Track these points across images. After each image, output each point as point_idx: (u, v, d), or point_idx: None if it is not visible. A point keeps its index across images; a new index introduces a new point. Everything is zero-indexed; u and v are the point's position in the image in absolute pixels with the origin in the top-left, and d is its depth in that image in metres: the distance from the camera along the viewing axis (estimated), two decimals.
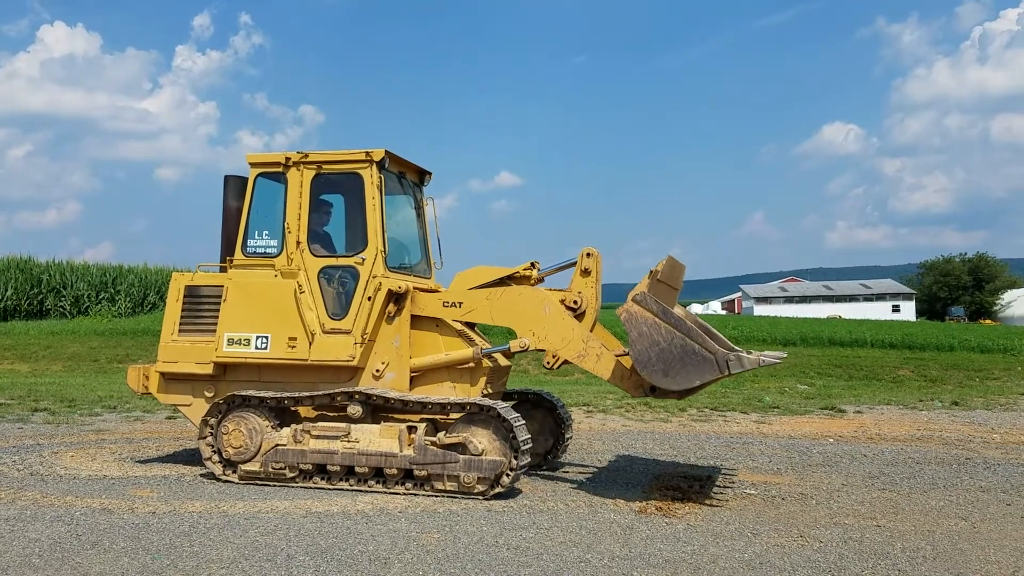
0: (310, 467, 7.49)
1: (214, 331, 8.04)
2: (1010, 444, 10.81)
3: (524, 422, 7.33)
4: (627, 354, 7.38)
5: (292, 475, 7.53)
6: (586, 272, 7.83)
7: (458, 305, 7.88)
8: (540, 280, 8.21)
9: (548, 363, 7.97)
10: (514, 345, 7.70)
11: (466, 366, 7.81)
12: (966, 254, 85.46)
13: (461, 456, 7.11)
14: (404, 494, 7.25)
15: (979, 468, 9.02)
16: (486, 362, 7.81)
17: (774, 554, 5.63)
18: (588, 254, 7.83)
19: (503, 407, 7.19)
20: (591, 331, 7.70)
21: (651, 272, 7.18)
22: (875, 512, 6.91)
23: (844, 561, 5.48)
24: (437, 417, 7.58)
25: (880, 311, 76.47)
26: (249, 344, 7.90)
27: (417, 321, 7.92)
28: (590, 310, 7.77)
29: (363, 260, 7.81)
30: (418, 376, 7.88)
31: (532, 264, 8.17)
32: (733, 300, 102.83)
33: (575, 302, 7.76)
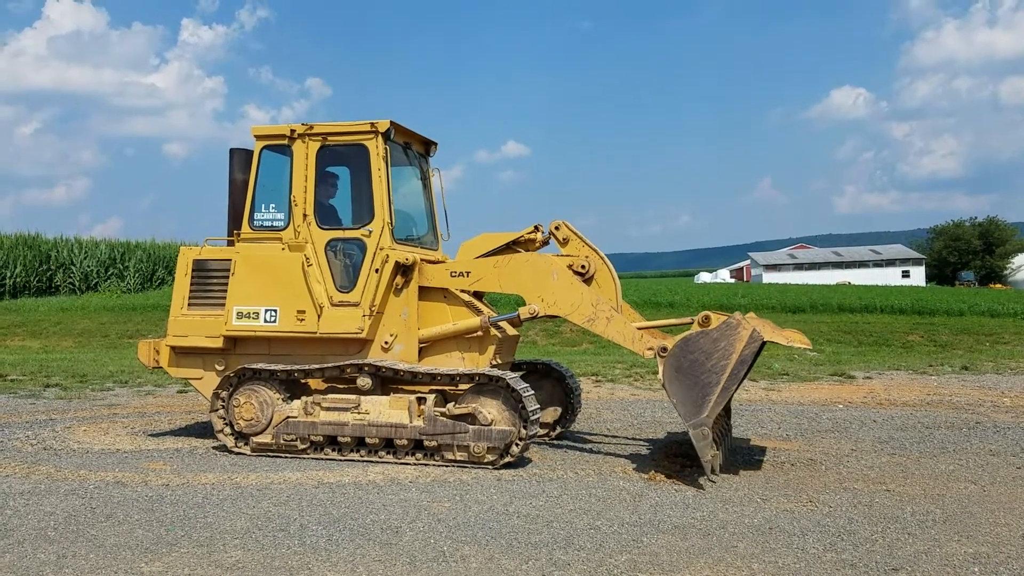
0: (321, 439, 7.53)
1: (223, 305, 8.06)
2: (1020, 408, 10.80)
3: (533, 392, 7.34)
4: (653, 328, 7.74)
5: (303, 447, 7.58)
6: (565, 242, 8.15)
7: (466, 275, 7.88)
8: (545, 243, 8.27)
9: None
10: (523, 312, 7.71)
11: (474, 335, 7.82)
12: (976, 218, 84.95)
13: (471, 426, 7.14)
14: (415, 464, 7.29)
15: (989, 432, 9.02)
16: (495, 332, 7.82)
17: (783, 519, 5.65)
18: (556, 227, 8.16)
19: (512, 377, 7.20)
20: (617, 299, 7.83)
21: (777, 341, 7.03)
22: (884, 477, 6.93)
23: (854, 525, 5.50)
24: (446, 388, 7.60)
25: (890, 277, 76.22)
26: (258, 317, 7.92)
27: (425, 292, 7.92)
28: (602, 272, 7.85)
29: (370, 232, 7.80)
30: (426, 347, 7.90)
31: (536, 227, 8.25)
32: (742, 268, 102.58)
33: (583, 267, 7.84)
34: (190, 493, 6.41)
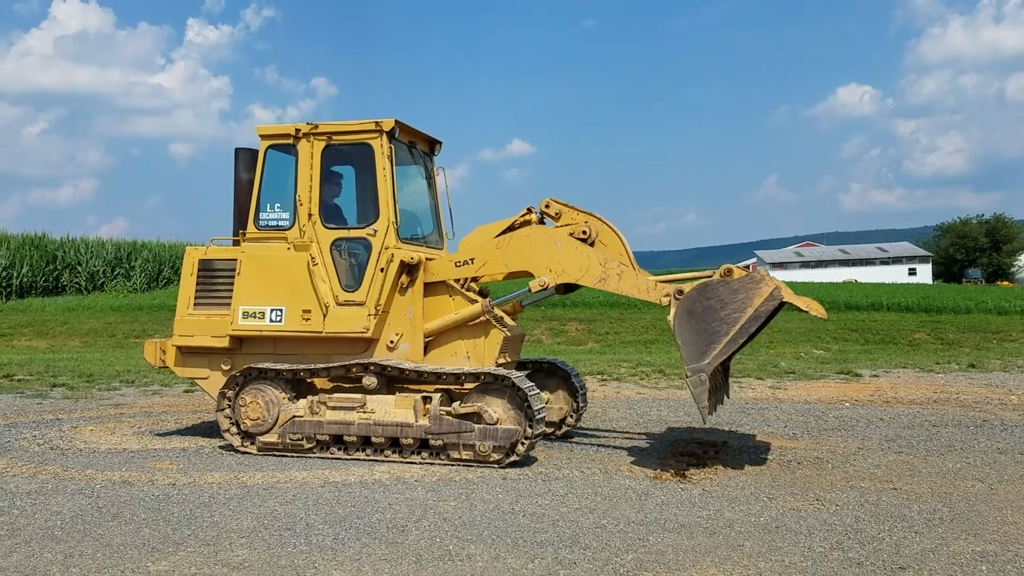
0: (327, 438, 7.54)
1: (229, 304, 8.07)
2: None
3: (538, 391, 7.34)
4: (669, 281, 7.54)
5: (309, 446, 7.59)
6: (558, 216, 8.09)
7: (470, 262, 7.88)
8: (540, 221, 8.27)
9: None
10: (533, 285, 7.69)
11: (478, 323, 7.81)
12: (983, 215, 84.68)
13: (476, 425, 7.14)
14: (420, 463, 7.30)
15: (996, 430, 8.98)
16: (501, 329, 7.79)
17: (790, 517, 5.63)
18: (547, 205, 8.12)
19: (517, 376, 7.20)
20: (627, 255, 7.72)
21: (796, 304, 6.87)
22: (891, 475, 6.91)
23: (860, 524, 5.49)
24: (452, 387, 7.60)
25: (896, 274, 75.96)
26: (264, 317, 7.93)
27: (430, 288, 7.91)
28: (605, 233, 7.81)
29: (375, 231, 7.80)
30: (431, 340, 7.89)
31: (528, 209, 8.26)
32: (748, 266, 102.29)
33: (584, 232, 7.81)
34: (196, 492, 6.42)
